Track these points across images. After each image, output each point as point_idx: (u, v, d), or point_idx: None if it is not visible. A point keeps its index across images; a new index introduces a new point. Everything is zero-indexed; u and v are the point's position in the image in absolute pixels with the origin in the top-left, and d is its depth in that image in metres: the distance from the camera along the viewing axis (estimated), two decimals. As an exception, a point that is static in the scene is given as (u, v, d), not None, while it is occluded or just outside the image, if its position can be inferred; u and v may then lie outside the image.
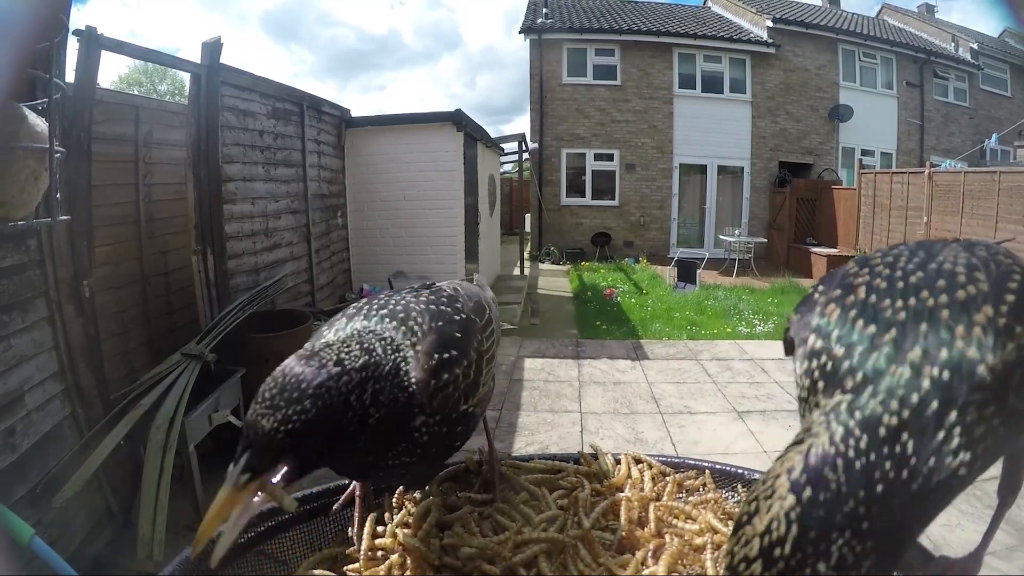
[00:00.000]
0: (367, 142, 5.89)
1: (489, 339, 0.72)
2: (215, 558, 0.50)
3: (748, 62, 11.75)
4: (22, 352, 2.06)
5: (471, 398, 0.65)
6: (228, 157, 3.62)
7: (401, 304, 0.67)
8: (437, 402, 0.60)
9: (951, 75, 12.77)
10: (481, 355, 0.67)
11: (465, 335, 0.66)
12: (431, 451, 0.62)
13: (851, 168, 11.13)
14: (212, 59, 3.34)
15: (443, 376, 0.61)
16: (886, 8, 15.87)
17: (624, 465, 0.79)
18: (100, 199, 2.63)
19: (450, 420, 0.62)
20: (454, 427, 0.63)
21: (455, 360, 0.63)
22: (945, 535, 2.46)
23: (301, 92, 4.84)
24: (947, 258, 0.47)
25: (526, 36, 11.57)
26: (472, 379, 0.64)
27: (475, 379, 0.65)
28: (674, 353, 5.32)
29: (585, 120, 11.72)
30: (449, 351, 0.63)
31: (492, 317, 0.77)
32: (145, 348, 3.07)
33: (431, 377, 0.60)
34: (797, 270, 9.91)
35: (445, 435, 0.63)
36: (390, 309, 0.66)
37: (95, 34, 2.51)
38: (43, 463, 2.08)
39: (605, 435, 3.53)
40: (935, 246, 0.50)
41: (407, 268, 5.96)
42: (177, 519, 2.36)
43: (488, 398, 0.73)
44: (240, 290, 3.58)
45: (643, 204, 11.86)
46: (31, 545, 1.38)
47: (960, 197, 7.09)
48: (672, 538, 0.66)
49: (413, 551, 0.65)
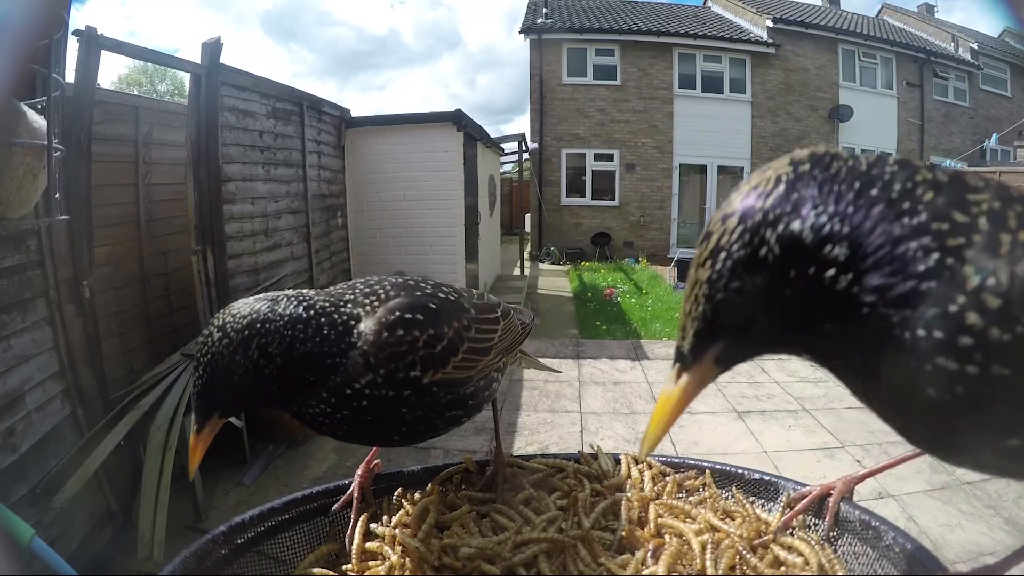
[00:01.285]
0: (367, 142, 5.88)
1: (486, 333, 0.69)
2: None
3: (748, 62, 11.75)
4: (22, 352, 2.06)
5: (432, 371, 0.61)
6: (228, 157, 3.62)
7: (370, 282, 0.66)
8: (383, 356, 0.59)
9: (951, 75, 12.77)
10: (462, 337, 0.65)
11: (441, 309, 0.64)
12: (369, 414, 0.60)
13: (851, 168, 11.12)
14: (212, 59, 3.34)
15: (397, 332, 0.60)
16: (886, 8, 15.87)
17: (624, 465, 0.79)
18: (100, 199, 2.63)
19: (396, 382, 0.60)
20: (401, 391, 0.60)
21: (417, 323, 0.61)
22: (945, 535, 2.47)
23: (301, 92, 4.84)
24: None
25: (526, 36, 11.57)
26: (438, 352, 0.62)
27: (443, 354, 0.62)
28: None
29: (585, 120, 11.72)
30: (414, 314, 0.62)
31: (501, 319, 0.74)
32: (145, 348, 3.07)
33: (383, 329, 0.60)
34: (797, 270, 9.91)
35: (390, 400, 0.60)
36: (357, 286, 0.66)
37: (95, 34, 2.51)
38: (43, 463, 2.08)
39: (605, 435, 3.53)
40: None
41: (407, 268, 5.96)
42: (177, 519, 2.37)
43: (477, 394, 0.69)
44: (240, 290, 3.58)
45: (643, 204, 11.86)
46: (31, 545, 1.38)
47: (960, 197, 7.09)
48: (672, 538, 0.66)
49: (412, 551, 0.65)
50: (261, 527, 0.69)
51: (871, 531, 0.64)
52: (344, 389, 0.59)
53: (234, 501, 2.75)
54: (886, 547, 0.62)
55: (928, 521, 2.54)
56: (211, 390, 0.58)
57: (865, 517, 0.64)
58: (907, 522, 2.52)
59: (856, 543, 0.65)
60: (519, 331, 0.80)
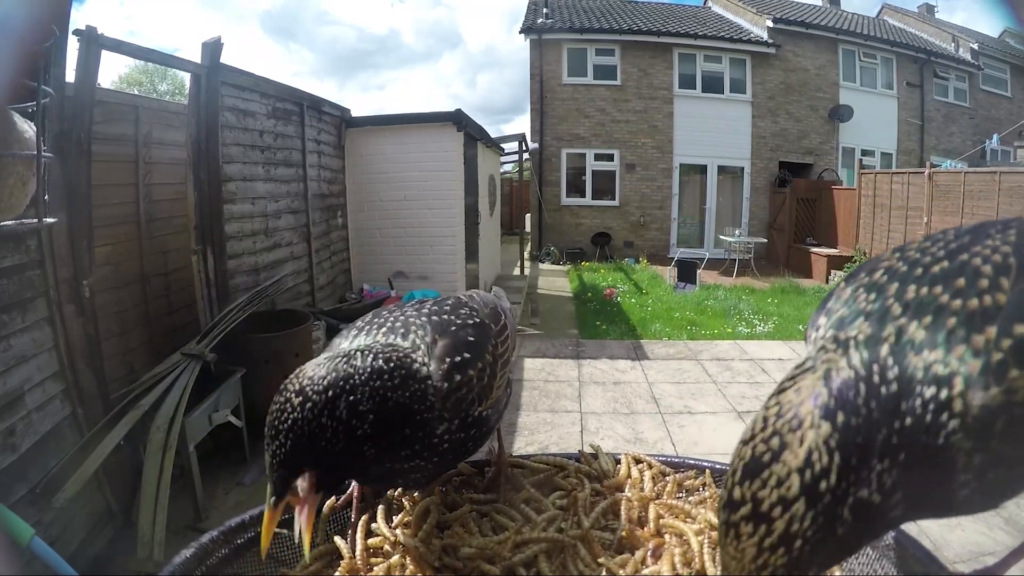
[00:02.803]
0: (367, 142, 5.89)
1: (504, 344, 0.72)
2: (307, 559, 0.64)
3: (748, 62, 11.75)
4: (22, 352, 2.06)
5: (485, 401, 0.65)
6: (228, 157, 3.62)
7: (400, 319, 0.67)
8: (451, 404, 0.61)
9: (951, 75, 12.77)
10: (496, 359, 0.67)
11: (478, 339, 0.66)
12: (448, 456, 0.63)
13: (851, 168, 11.13)
14: (212, 59, 3.34)
15: (455, 378, 0.61)
16: (886, 8, 15.88)
17: (624, 465, 0.79)
18: (100, 199, 2.63)
19: (466, 424, 0.62)
20: (469, 431, 0.63)
21: (468, 363, 0.63)
22: (945, 535, 2.46)
23: (301, 92, 4.84)
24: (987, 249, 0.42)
25: (526, 36, 11.57)
26: (486, 383, 0.64)
27: (489, 383, 0.65)
28: (674, 353, 5.32)
29: (585, 120, 11.72)
30: (461, 354, 0.63)
31: (508, 324, 0.76)
32: (145, 348, 3.07)
33: (444, 380, 0.61)
34: (797, 270, 9.91)
35: (461, 440, 0.63)
36: (389, 325, 0.66)
37: (95, 34, 2.51)
38: (43, 463, 2.08)
39: (605, 435, 3.53)
40: (989, 228, 0.45)
41: (407, 268, 5.96)
42: (177, 519, 2.37)
43: (504, 402, 0.73)
44: (240, 290, 3.58)
45: (643, 204, 11.86)
46: (31, 545, 1.38)
47: (960, 197, 7.09)
48: (672, 537, 0.66)
49: (412, 551, 0.65)
50: (261, 527, 0.69)
51: (871, 531, 0.64)
52: (432, 439, 0.60)
53: (234, 501, 2.75)
54: (886, 547, 0.62)
55: (928, 521, 2.52)
56: (294, 459, 0.54)
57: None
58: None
59: (856, 543, 0.65)
60: (514, 325, 0.82)
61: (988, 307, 0.38)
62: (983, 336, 0.37)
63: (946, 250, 0.43)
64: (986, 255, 0.41)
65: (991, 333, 0.37)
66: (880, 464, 0.35)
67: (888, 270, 0.45)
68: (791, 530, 0.35)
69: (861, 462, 0.35)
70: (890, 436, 0.36)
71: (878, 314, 0.41)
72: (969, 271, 0.40)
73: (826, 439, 0.36)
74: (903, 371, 0.38)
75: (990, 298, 0.39)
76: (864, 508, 0.35)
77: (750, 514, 0.36)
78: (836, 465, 0.35)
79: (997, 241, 0.42)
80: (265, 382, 3.12)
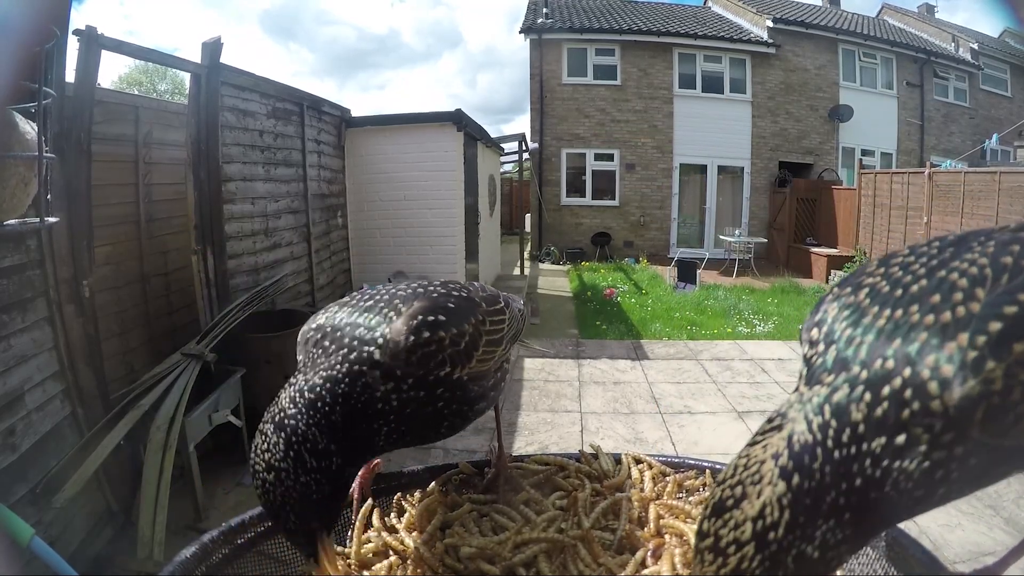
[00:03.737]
0: (367, 142, 5.88)
1: (496, 324, 0.70)
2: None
3: (748, 62, 11.75)
4: (22, 352, 2.06)
5: (460, 367, 0.63)
6: (228, 157, 3.62)
7: (388, 294, 0.67)
8: (415, 360, 0.59)
9: (951, 75, 12.77)
10: (480, 332, 0.66)
11: (459, 307, 0.65)
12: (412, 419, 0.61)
13: (851, 168, 11.14)
14: (212, 59, 3.34)
15: (424, 334, 0.60)
16: (886, 8, 15.87)
17: (624, 465, 0.79)
18: (100, 199, 2.63)
19: (427, 384, 0.61)
20: (434, 390, 0.61)
21: (441, 324, 0.62)
22: (945, 535, 2.47)
23: (301, 92, 4.84)
24: (965, 263, 0.44)
25: (526, 36, 11.57)
26: (463, 348, 0.63)
27: (467, 350, 0.63)
28: (674, 353, 5.32)
29: (585, 120, 11.72)
30: (436, 315, 0.62)
31: (506, 309, 0.75)
32: (145, 348, 3.07)
33: (409, 334, 0.60)
34: (797, 270, 9.91)
35: (424, 400, 0.61)
36: (377, 299, 0.66)
37: (95, 34, 2.51)
38: (43, 463, 2.08)
39: (605, 435, 3.53)
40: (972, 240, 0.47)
41: (407, 268, 5.96)
42: (177, 519, 2.37)
43: (495, 384, 0.71)
44: (240, 290, 3.58)
45: (643, 204, 11.86)
46: (31, 545, 1.38)
47: (960, 197, 7.09)
48: (672, 537, 0.66)
49: (412, 551, 0.65)
50: (261, 527, 0.69)
51: (871, 531, 0.64)
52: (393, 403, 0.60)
53: (234, 501, 2.75)
54: (886, 547, 0.62)
55: (928, 521, 2.54)
56: (305, 519, 0.56)
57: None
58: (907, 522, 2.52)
59: (856, 543, 0.65)
60: (520, 319, 0.81)
61: (961, 317, 0.40)
62: (955, 343, 0.39)
63: (927, 267, 0.45)
64: (963, 269, 0.43)
65: (964, 337, 0.39)
66: (825, 524, 0.40)
67: (872, 290, 0.47)
68: (741, 567, 0.41)
69: (808, 520, 0.40)
70: (837, 499, 0.40)
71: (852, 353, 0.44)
72: (945, 287, 0.43)
73: (780, 496, 0.41)
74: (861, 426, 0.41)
75: (964, 309, 0.41)
76: (806, 560, 0.40)
77: (711, 547, 0.42)
78: (785, 520, 0.40)
79: (976, 254, 0.44)
80: (265, 382, 3.12)
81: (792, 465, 0.41)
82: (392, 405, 0.59)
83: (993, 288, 0.41)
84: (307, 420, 0.57)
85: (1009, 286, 0.41)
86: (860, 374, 0.43)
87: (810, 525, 0.40)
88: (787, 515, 0.40)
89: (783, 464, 0.41)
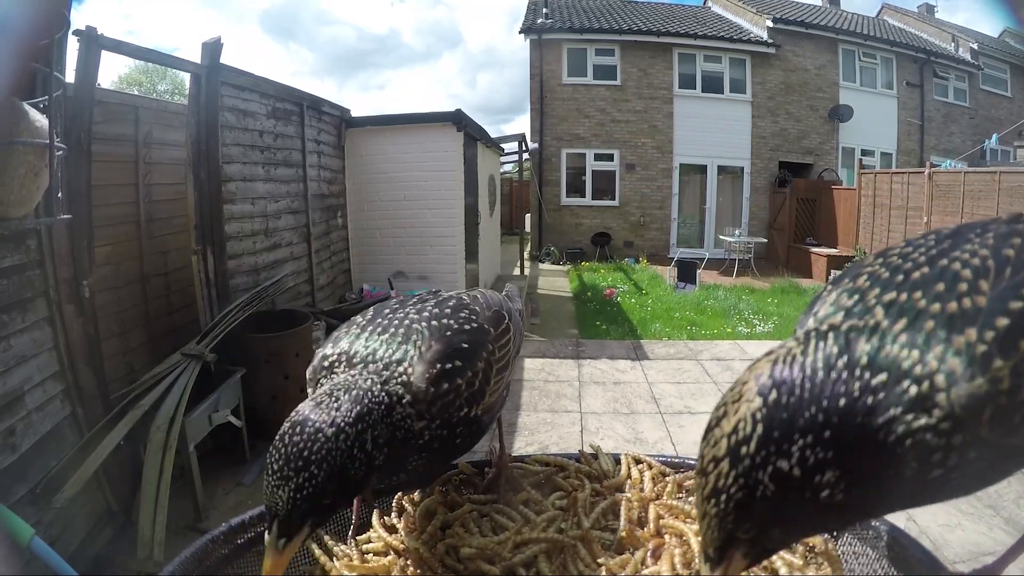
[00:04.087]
0: (367, 142, 5.88)
1: (503, 349, 0.72)
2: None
3: (748, 62, 11.75)
4: (22, 352, 2.06)
5: (476, 405, 0.65)
6: (228, 157, 3.62)
7: (405, 321, 0.67)
8: (436, 409, 0.61)
9: (951, 75, 12.76)
10: (491, 364, 0.68)
11: (472, 346, 0.66)
12: (436, 453, 0.64)
13: (851, 168, 11.13)
14: (212, 59, 3.34)
15: (443, 386, 0.62)
16: (886, 8, 15.87)
17: (624, 465, 0.79)
18: (100, 199, 2.63)
19: (451, 424, 0.63)
20: (454, 430, 0.64)
21: (458, 371, 0.63)
22: (945, 535, 2.47)
23: (301, 92, 4.84)
24: (966, 253, 0.44)
25: (526, 36, 11.57)
26: (478, 387, 0.65)
27: (481, 388, 0.65)
28: (674, 353, 5.32)
29: (585, 120, 11.72)
30: (452, 361, 0.63)
31: (511, 326, 0.76)
32: (145, 348, 3.07)
33: (430, 385, 0.61)
34: (797, 270, 9.91)
35: (447, 437, 0.63)
36: (393, 330, 0.66)
37: (95, 34, 2.51)
38: (43, 463, 2.08)
39: (605, 435, 3.53)
40: (968, 232, 0.47)
41: (407, 268, 5.96)
42: (177, 519, 2.37)
43: (500, 403, 0.73)
44: (240, 290, 3.58)
45: (643, 204, 11.86)
46: (31, 545, 1.38)
47: (960, 197, 7.09)
48: (672, 537, 0.66)
49: (412, 551, 0.65)
50: (261, 527, 0.69)
51: (871, 531, 0.64)
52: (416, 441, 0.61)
53: (234, 501, 2.75)
54: (886, 547, 0.62)
55: (928, 521, 2.54)
56: (320, 493, 0.52)
57: (865, 517, 0.64)
58: (907, 522, 2.52)
59: (856, 543, 0.65)
60: (520, 327, 0.82)
61: (968, 309, 0.40)
62: (963, 337, 0.39)
63: (927, 256, 0.45)
64: (965, 259, 0.43)
65: (972, 332, 0.39)
66: (803, 439, 0.38)
67: (871, 275, 0.47)
68: (718, 485, 0.40)
69: (784, 435, 0.39)
70: (816, 415, 0.39)
71: (858, 314, 0.44)
72: (948, 276, 0.42)
73: (754, 412, 0.40)
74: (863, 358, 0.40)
75: (969, 300, 0.40)
76: (784, 479, 0.39)
77: (699, 468, 0.42)
78: (757, 435, 0.39)
79: (976, 245, 0.44)
80: (265, 382, 3.12)
81: (771, 383, 0.41)
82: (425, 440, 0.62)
83: (997, 281, 0.41)
84: (379, 414, 0.57)
85: (1013, 281, 0.41)
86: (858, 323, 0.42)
87: (786, 440, 0.39)
88: (760, 429, 0.39)
89: (762, 383, 0.41)
